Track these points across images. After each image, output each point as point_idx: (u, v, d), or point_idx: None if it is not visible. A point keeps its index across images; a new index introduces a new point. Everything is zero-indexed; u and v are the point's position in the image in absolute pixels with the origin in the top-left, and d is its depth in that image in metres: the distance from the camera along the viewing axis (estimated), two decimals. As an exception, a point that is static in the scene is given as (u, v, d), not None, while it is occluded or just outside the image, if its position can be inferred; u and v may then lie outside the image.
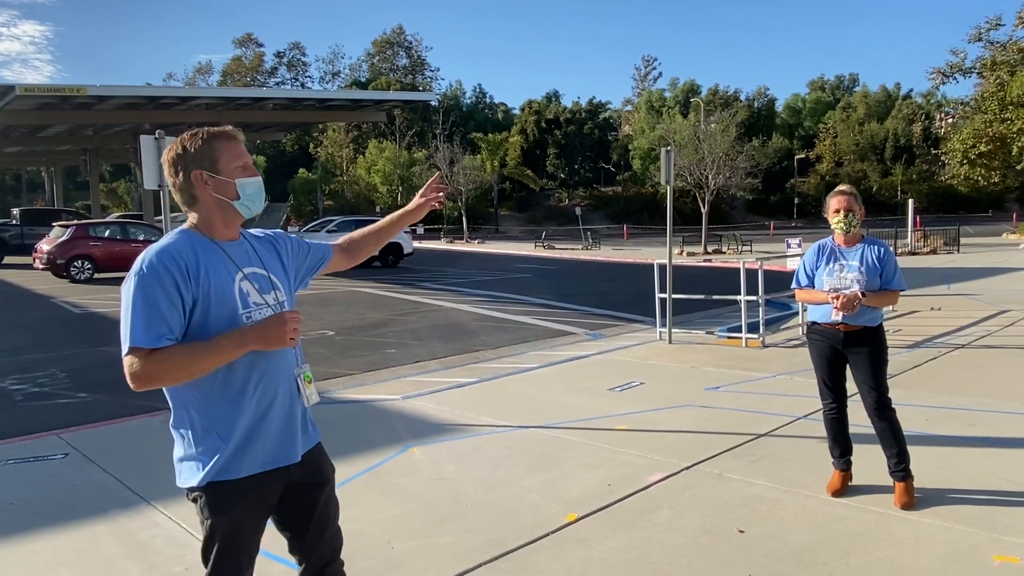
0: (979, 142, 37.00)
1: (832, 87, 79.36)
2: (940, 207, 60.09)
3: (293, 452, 2.03)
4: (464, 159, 43.87)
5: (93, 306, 14.03)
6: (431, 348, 9.24)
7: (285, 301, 2.07)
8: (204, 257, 1.92)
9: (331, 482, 2.18)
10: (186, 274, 1.87)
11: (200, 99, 24.71)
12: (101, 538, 3.74)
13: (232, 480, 1.94)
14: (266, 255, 2.10)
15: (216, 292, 1.90)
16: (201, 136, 1.98)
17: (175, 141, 2.02)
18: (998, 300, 11.79)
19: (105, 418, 6.12)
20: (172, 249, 1.90)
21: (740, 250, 28.05)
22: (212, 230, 1.99)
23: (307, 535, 2.11)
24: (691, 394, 6.41)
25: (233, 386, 1.93)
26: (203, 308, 1.89)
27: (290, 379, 2.03)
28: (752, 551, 3.39)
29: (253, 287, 1.99)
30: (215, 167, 1.96)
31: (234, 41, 78.69)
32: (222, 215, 1.99)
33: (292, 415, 2.03)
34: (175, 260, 1.87)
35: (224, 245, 1.99)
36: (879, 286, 3.91)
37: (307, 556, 2.14)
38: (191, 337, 1.89)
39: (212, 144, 1.97)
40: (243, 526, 1.99)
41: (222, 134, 2.00)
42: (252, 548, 2.04)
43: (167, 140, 5.97)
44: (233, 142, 2.01)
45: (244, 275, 1.98)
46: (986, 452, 4.64)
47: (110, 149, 34.70)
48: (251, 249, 2.06)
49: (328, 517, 2.16)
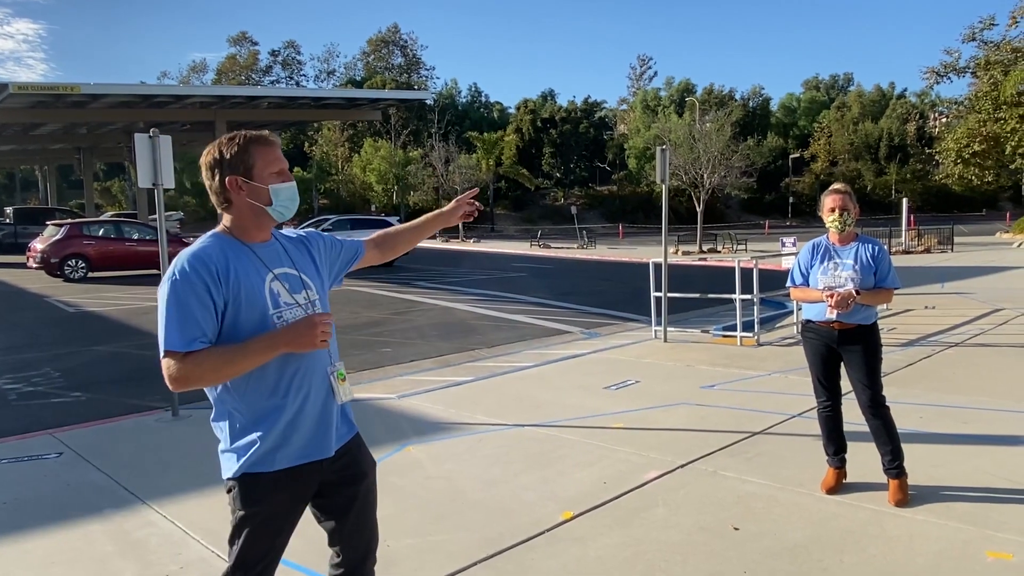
0: (973, 141, 37.15)
1: (827, 86, 79.54)
2: (934, 206, 60.32)
3: (326, 447, 2.06)
4: (460, 158, 43.86)
5: (87, 305, 13.98)
6: (427, 347, 9.23)
7: (317, 300, 2.11)
8: (234, 260, 1.97)
9: (369, 476, 2.21)
10: (217, 278, 1.92)
11: (194, 97, 24.59)
12: (95, 537, 3.73)
13: (265, 473, 1.98)
14: (297, 255, 2.13)
15: (246, 294, 1.95)
16: (238, 141, 2.02)
17: (212, 145, 2.06)
18: (992, 299, 11.84)
19: (99, 417, 6.10)
20: (203, 254, 1.95)
21: (735, 249, 28.09)
22: (244, 233, 2.04)
23: (345, 527, 2.14)
24: (686, 392, 6.43)
25: (267, 382, 1.98)
26: (234, 310, 1.94)
27: (323, 376, 2.06)
28: (747, 548, 3.40)
29: (284, 287, 2.03)
30: (250, 173, 2.00)
31: (229, 39, 78.57)
32: (255, 219, 2.04)
33: (326, 411, 2.06)
34: (206, 265, 1.92)
35: (255, 247, 2.03)
36: (873, 284, 3.93)
37: (344, 548, 2.18)
38: (224, 338, 1.94)
39: (248, 150, 2.01)
40: (272, 519, 2.01)
41: (258, 139, 2.03)
42: (279, 543, 2.06)
43: (161, 138, 5.96)
44: (269, 147, 2.04)
45: (274, 276, 2.02)
46: (979, 450, 4.66)
47: (104, 148, 34.60)
48: (282, 250, 2.10)
49: (366, 511, 2.19)
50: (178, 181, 42.04)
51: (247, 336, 1.93)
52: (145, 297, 14.85)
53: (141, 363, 8.68)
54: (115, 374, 8.11)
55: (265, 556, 2.03)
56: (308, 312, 2.04)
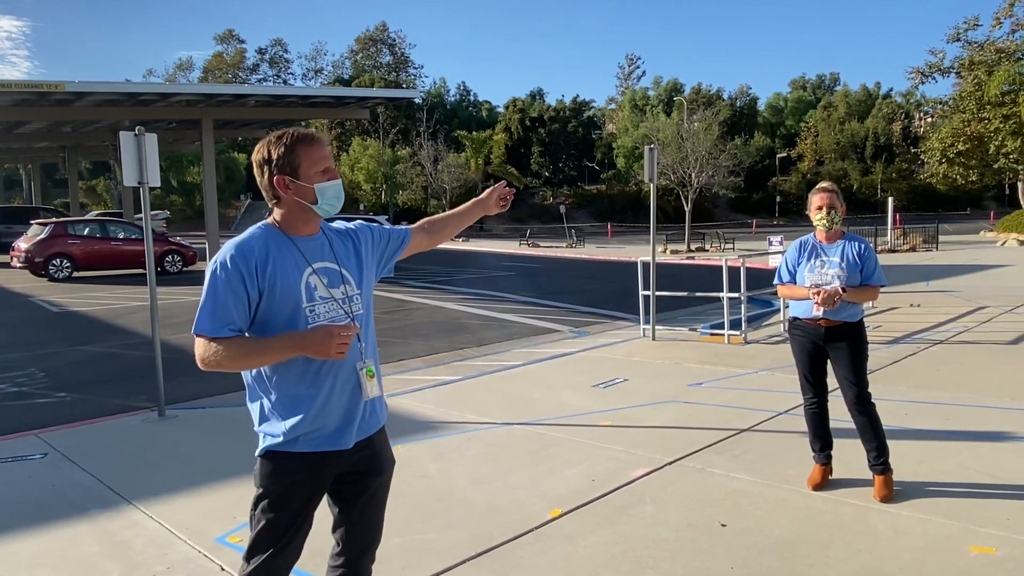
0: (957, 141, 37.51)
1: (813, 86, 80.00)
2: (919, 205, 60.84)
3: (345, 439, 2.10)
4: (448, 157, 43.79)
5: (72, 305, 13.86)
6: (415, 346, 9.22)
7: (356, 295, 2.16)
8: (276, 252, 2.04)
9: (385, 474, 2.25)
10: (254, 270, 2.00)
11: (181, 96, 24.37)
12: (81, 538, 3.70)
13: (283, 453, 2.05)
14: (341, 249, 2.19)
15: (281, 286, 2.02)
16: (285, 141, 2.07)
17: (262, 143, 2.13)
18: (976, 297, 11.96)
19: (84, 417, 6.06)
20: (245, 246, 2.03)
21: (723, 248, 28.22)
22: (291, 227, 2.10)
23: (350, 518, 2.20)
24: (674, 390, 6.45)
25: (296, 372, 2.04)
26: (268, 301, 2.02)
27: (352, 370, 2.10)
28: (734, 544, 3.42)
29: (322, 281, 2.09)
30: (296, 172, 2.06)
31: (215, 37, 77.85)
32: (303, 216, 2.10)
33: (351, 405, 2.10)
34: (245, 257, 2.01)
35: (299, 240, 2.09)
36: (859, 282, 3.96)
37: (346, 539, 2.22)
38: (257, 326, 2.04)
39: (295, 150, 2.07)
40: (286, 499, 2.06)
41: (305, 139, 2.09)
42: (297, 526, 2.09)
43: (147, 136, 5.92)
44: (315, 146, 2.09)
45: (313, 270, 2.08)
46: (963, 446, 4.71)
47: (89, 146, 34.27)
48: (327, 244, 2.15)
49: (374, 507, 2.23)
50: (164, 180, 41.68)
51: (278, 326, 2.02)
52: (131, 297, 14.73)
53: (127, 363, 8.61)
54: (101, 374, 8.05)
55: (279, 541, 2.06)
56: (344, 307, 2.10)
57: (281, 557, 2.08)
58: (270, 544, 2.06)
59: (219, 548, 3.51)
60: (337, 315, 2.08)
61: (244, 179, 58.46)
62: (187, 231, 41.87)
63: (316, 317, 2.05)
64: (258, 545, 2.07)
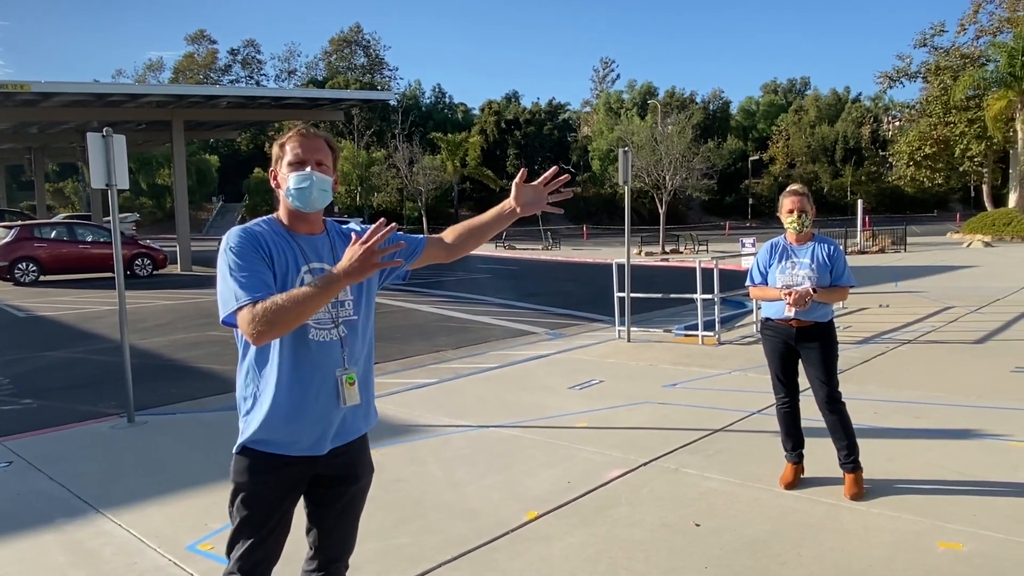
0: (924, 144, 38.31)
1: (784, 90, 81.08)
2: (888, 207, 61.94)
3: (320, 445, 2.08)
4: (424, 159, 43.62)
5: (39, 310, 13.57)
6: (391, 349, 9.17)
7: (348, 301, 2.13)
8: (279, 245, 2.04)
9: (362, 481, 2.23)
10: (267, 252, 2.00)
11: (151, 96, 23.99)
12: (47, 548, 3.62)
13: (259, 452, 2.05)
14: (341, 251, 2.12)
15: (280, 281, 2.00)
16: (283, 137, 2.11)
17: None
18: (943, 297, 12.20)
19: (51, 425, 5.93)
20: (253, 230, 2.03)
21: (696, 250, 28.48)
22: (288, 222, 2.11)
23: (325, 523, 2.18)
24: (649, 391, 6.49)
25: (272, 369, 2.02)
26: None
27: (331, 376, 2.07)
28: (708, 544, 3.45)
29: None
30: (280, 165, 2.10)
31: (186, 38, 76.80)
32: (287, 210, 2.11)
33: (328, 410, 2.07)
34: (256, 238, 2.01)
35: (300, 238, 2.09)
36: (829, 283, 4.02)
37: (319, 545, 2.20)
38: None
39: (285, 144, 2.09)
40: (259, 498, 2.05)
41: (296, 133, 2.11)
42: (273, 521, 2.07)
43: (115, 138, 5.82)
44: (299, 139, 2.09)
45: (309, 269, 2.05)
46: (932, 444, 4.79)
47: (56, 147, 33.61)
48: (328, 244, 2.14)
49: (349, 514, 2.21)
50: (133, 182, 41.04)
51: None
52: (100, 301, 14.47)
53: (95, 369, 8.45)
54: (68, 380, 7.88)
55: (257, 533, 2.04)
56: (331, 311, 2.08)
57: (262, 550, 2.06)
58: (249, 536, 2.06)
59: (190, 556, 3.46)
60: (323, 317, 2.05)
61: (216, 181, 57.69)
62: (158, 234, 41.22)
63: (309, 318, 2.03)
64: (238, 537, 2.07)
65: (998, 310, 10.63)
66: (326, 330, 2.06)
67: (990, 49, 34.12)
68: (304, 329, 2.01)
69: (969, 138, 36.03)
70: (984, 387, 6.26)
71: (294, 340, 2.01)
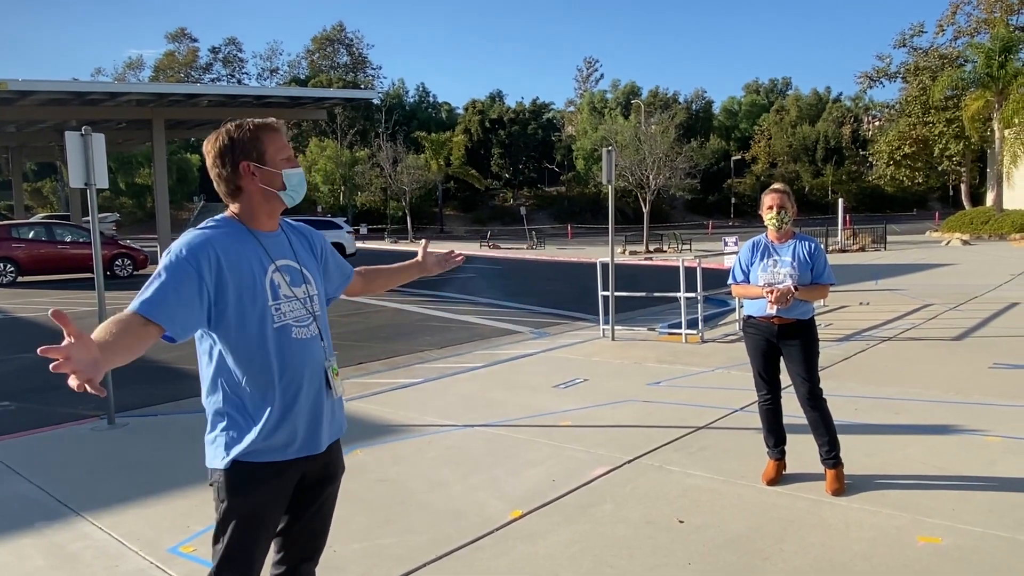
0: (904, 144, 38.75)
1: (766, 90, 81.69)
2: (868, 206, 62.60)
3: (317, 443, 2.04)
4: (408, 158, 43.50)
5: (16, 311, 13.39)
6: (375, 349, 9.14)
7: (316, 295, 2.10)
8: (239, 247, 1.95)
9: (337, 480, 2.19)
10: (213, 265, 1.88)
11: (130, 95, 23.71)
12: (26, 552, 3.57)
13: (253, 463, 1.95)
14: (300, 247, 2.14)
15: (247, 284, 1.93)
16: (248, 128, 2.01)
17: (219, 132, 2.03)
18: (922, 295, 12.35)
19: (30, 427, 5.85)
20: (205, 240, 1.91)
21: (680, 248, 28.63)
22: (254, 220, 2.03)
23: (298, 524, 2.11)
24: (633, 389, 6.52)
25: (262, 375, 1.95)
26: (236, 298, 1.92)
27: (317, 371, 2.04)
28: (691, 540, 3.47)
29: (284, 279, 2.02)
30: (263, 159, 2.00)
31: (167, 36, 75.78)
32: (267, 206, 2.03)
33: (317, 406, 2.04)
34: (206, 250, 1.89)
35: (261, 236, 2.03)
36: (810, 280, 4.06)
37: (289, 546, 2.13)
38: (231, 325, 1.91)
39: (259, 135, 2.00)
40: (257, 511, 1.98)
41: (267, 126, 2.03)
42: (265, 540, 2.02)
43: (93, 136, 5.75)
44: (277, 133, 2.04)
45: (276, 267, 2.01)
46: (911, 439, 4.85)
47: (34, 147, 33.12)
48: (287, 241, 2.10)
49: (324, 513, 2.17)
50: (113, 181, 40.65)
51: (252, 323, 1.93)
52: (79, 302, 14.28)
53: (75, 370, 8.34)
54: (47, 382, 7.73)
55: (251, 554, 1.98)
56: (307, 306, 2.04)
57: (253, 572, 2.00)
58: (245, 561, 1.96)
59: (172, 559, 3.43)
60: (301, 314, 2.02)
61: (197, 180, 57.18)
62: (138, 234, 40.80)
63: (282, 316, 1.98)
64: (230, 562, 1.96)
65: (976, 307, 10.78)
66: (305, 327, 2.04)
67: (968, 50, 34.62)
68: (287, 329, 1.99)
69: (948, 138, 36.50)
70: (962, 383, 6.34)
71: (280, 342, 1.96)
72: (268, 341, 1.95)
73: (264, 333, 1.95)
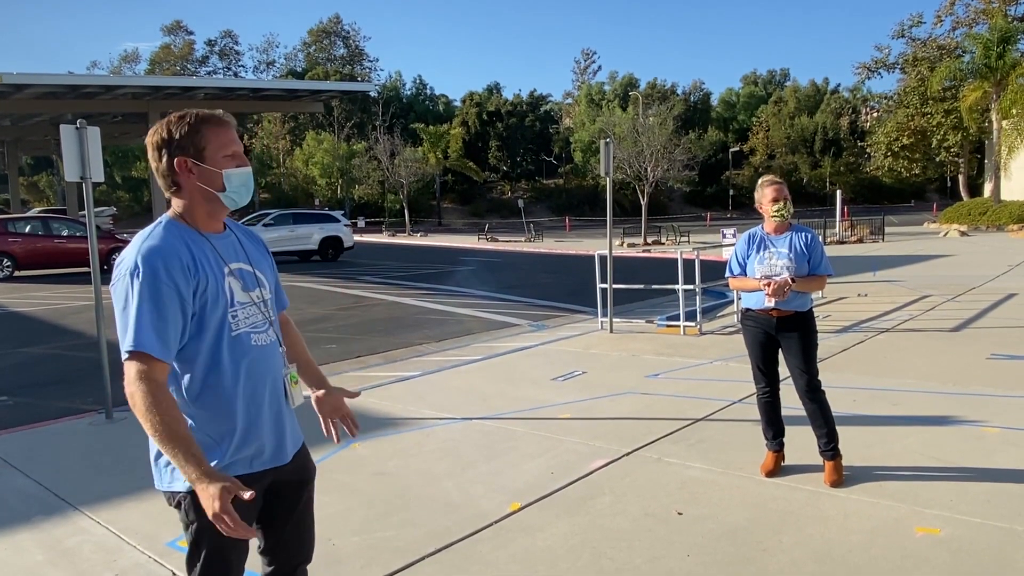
0: (902, 135, 38.73)
1: (764, 81, 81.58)
2: (866, 198, 62.65)
3: (282, 454, 1.98)
4: (405, 151, 43.37)
5: (13, 305, 13.36)
6: (373, 342, 9.13)
7: (270, 299, 2.02)
8: (196, 251, 1.83)
9: (311, 483, 2.14)
10: (187, 273, 1.78)
11: (126, 88, 23.64)
12: (24, 546, 3.57)
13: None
14: (252, 249, 2.03)
15: (212, 290, 1.83)
16: (188, 120, 1.86)
17: (160, 123, 1.90)
18: (920, 286, 12.36)
19: (27, 422, 5.84)
20: (168, 247, 1.79)
21: (678, 241, 28.62)
22: (197, 221, 1.89)
23: (283, 532, 2.06)
24: (632, 382, 6.52)
25: (223, 387, 1.86)
26: (200, 306, 1.82)
27: (277, 380, 1.98)
28: (690, 532, 3.47)
29: (238, 284, 1.91)
30: (201, 155, 1.85)
31: (162, 28, 75.50)
32: (207, 206, 1.89)
33: (280, 416, 1.98)
34: (177, 258, 1.77)
35: (211, 238, 1.90)
36: (808, 272, 4.05)
37: (280, 555, 2.08)
38: (190, 338, 1.81)
39: (200, 130, 1.86)
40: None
41: (210, 119, 1.88)
42: (241, 554, 1.95)
43: (89, 130, 5.72)
44: (222, 128, 1.89)
45: (231, 271, 1.90)
46: (909, 430, 4.86)
47: (30, 140, 33.07)
48: (237, 243, 1.98)
49: (306, 518, 2.12)
50: (109, 175, 40.60)
51: (212, 334, 1.82)
52: (76, 296, 14.26)
53: (73, 364, 8.33)
54: (45, 376, 7.77)
55: (229, 570, 1.91)
56: (262, 311, 1.96)
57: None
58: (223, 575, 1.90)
59: (170, 552, 3.42)
60: (256, 320, 1.93)
61: (195, 174, 56.90)
62: (135, 228, 40.66)
63: (237, 324, 1.88)
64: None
65: (974, 298, 10.79)
66: (263, 332, 1.94)
67: (966, 40, 34.54)
68: (246, 336, 1.90)
69: (946, 129, 36.49)
70: (960, 374, 6.35)
71: (238, 350, 1.87)
72: (226, 350, 1.85)
73: (221, 341, 1.85)
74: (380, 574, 3.17)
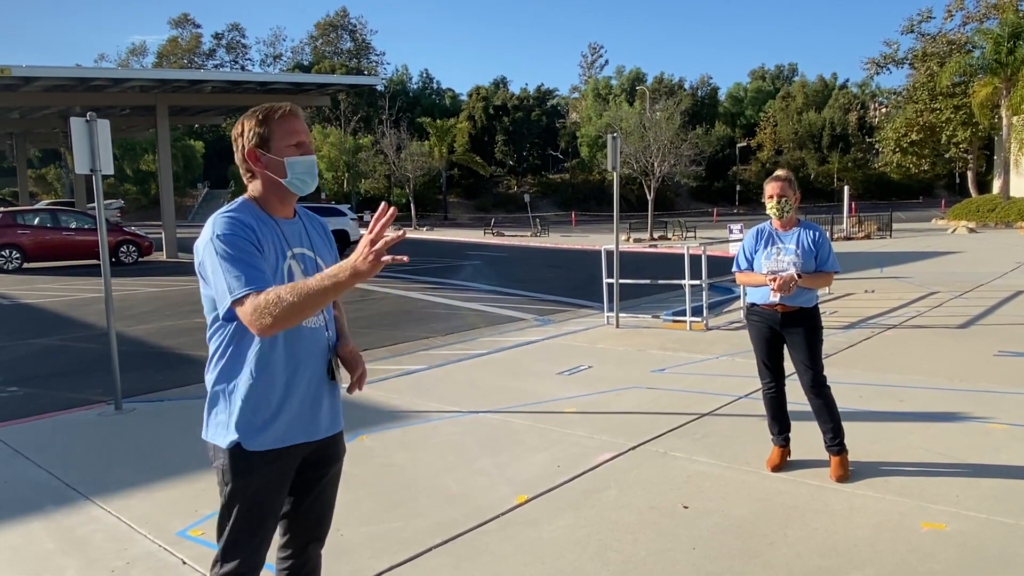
0: (910, 131, 38.49)
1: (772, 76, 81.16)
2: (874, 194, 62.35)
3: (315, 431, 2.07)
4: (411, 145, 43.39)
5: (23, 297, 13.45)
6: (380, 336, 9.16)
7: None
8: (263, 229, 1.97)
9: (339, 463, 2.22)
10: (257, 239, 1.92)
11: (134, 81, 23.67)
12: (36, 535, 3.61)
13: (257, 447, 1.98)
14: (316, 237, 2.14)
15: (269, 268, 1.94)
16: (258, 114, 2.03)
17: (240, 118, 2.06)
18: (927, 282, 12.32)
19: (38, 412, 5.89)
20: (240, 218, 1.94)
21: (684, 236, 28.57)
22: (269, 205, 2.04)
23: (302, 507, 2.14)
24: (637, 376, 6.53)
25: (270, 362, 1.97)
26: None
27: (321, 361, 2.06)
28: (696, 525, 3.49)
29: (299, 268, 2.03)
30: (267, 145, 2.01)
31: (170, 21, 75.94)
32: (276, 192, 2.04)
33: (318, 396, 2.07)
34: (245, 226, 1.92)
35: (280, 222, 2.04)
36: (814, 268, 4.05)
37: (295, 528, 2.16)
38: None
39: (267, 122, 2.01)
40: (262, 494, 2.01)
41: (278, 111, 2.03)
42: (270, 523, 2.05)
43: (99, 123, 5.75)
44: (289, 119, 2.03)
45: (293, 255, 2.02)
46: (914, 426, 4.86)
47: (38, 133, 33.17)
48: (303, 229, 2.11)
49: (327, 494, 2.20)
50: (118, 168, 40.73)
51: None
52: (84, 288, 14.35)
53: (82, 356, 8.40)
54: (54, 368, 7.83)
55: (256, 536, 2.01)
56: None
57: (259, 555, 2.03)
58: (250, 544, 2.00)
59: (180, 541, 3.46)
60: None
61: (201, 167, 57.11)
62: (143, 221, 40.86)
63: None
64: (236, 544, 2.00)
65: (982, 295, 10.75)
66: (314, 316, 2.03)
67: (976, 36, 34.26)
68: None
69: (955, 124, 36.26)
70: (967, 371, 6.34)
71: (289, 330, 1.95)
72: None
73: None
74: (387, 565, 3.20)
